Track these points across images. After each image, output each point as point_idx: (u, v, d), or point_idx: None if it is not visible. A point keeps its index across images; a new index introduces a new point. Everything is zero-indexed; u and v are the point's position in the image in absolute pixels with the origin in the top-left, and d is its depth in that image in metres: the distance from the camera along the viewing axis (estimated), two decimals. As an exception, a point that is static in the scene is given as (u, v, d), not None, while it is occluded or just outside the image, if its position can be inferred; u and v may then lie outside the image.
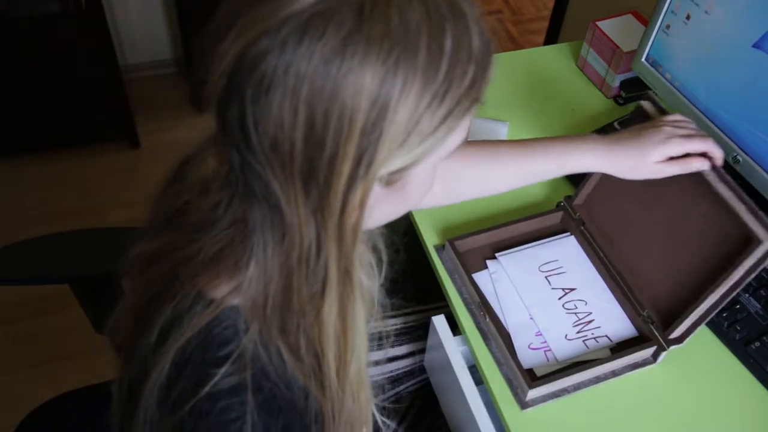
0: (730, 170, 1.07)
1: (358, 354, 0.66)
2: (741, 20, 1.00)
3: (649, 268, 0.97)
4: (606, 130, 1.20)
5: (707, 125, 1.09)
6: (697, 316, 0.91)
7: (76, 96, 2.14)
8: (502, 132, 1.22)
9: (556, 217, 1.07)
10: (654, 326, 0.92)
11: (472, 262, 1.02)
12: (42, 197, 2.20)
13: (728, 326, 0.97)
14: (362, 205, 0.56)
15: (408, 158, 0.55)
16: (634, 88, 1.28)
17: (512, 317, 0.96)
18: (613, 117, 1.24)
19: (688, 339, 0.91)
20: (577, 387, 0.90)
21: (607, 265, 1.00)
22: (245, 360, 0.60)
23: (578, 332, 0.95)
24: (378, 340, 1.08)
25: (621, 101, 1.30)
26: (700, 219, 0.94)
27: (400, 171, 0.56)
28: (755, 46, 0.98)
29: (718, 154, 0.89)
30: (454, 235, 1.02)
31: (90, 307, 1.18)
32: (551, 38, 2.21)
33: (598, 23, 1.30)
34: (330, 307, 0.60)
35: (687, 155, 0.89)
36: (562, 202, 1.06)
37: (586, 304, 0.99)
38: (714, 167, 0.89)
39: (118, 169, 2.28)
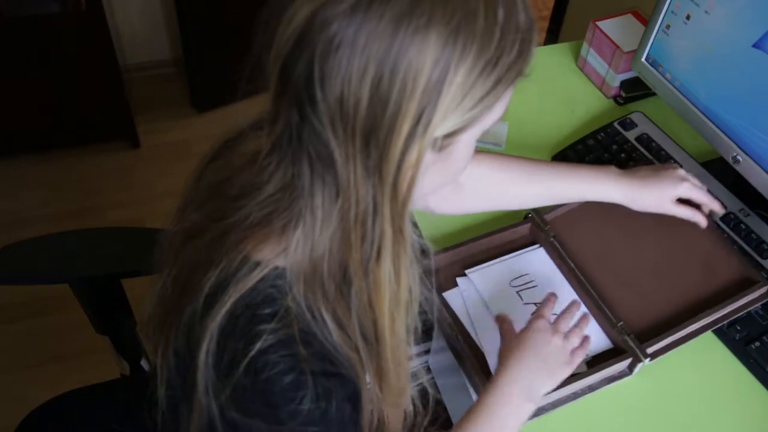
0: (730, 170, 1.07)
1: (410, 314, 0.68)
2: (741, 20, 1.00)
3: (623, 291, 0.97)
4: (606, 129, 1.20)
5: (707, 125, 1.09)
6: (674, 339, 0.92)
7: (76, 96, 2.14)
8: (502, 131, 1.22)
9: (524, 229, 1.05)
10: (630, 338, 0.91)
11: (441, 280, 0.99)
12: (42, 197, 2.20)
13: (728, 326, 0.97)
14: (417, 165, 0.58)
15: (460, 121, 0.57)
16: (634, 88, 1.28)
17: (486, 335, 0.94)
18: (613, 117, 1.24)
19: (659, 358, 0.92)
20: (554, 405, 0.89)
21: (578, 277, 0.98)
22: (292, 316, 0.61)
23: None
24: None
25: (621, 101, 1.30)
26: (690, 252, 1.01)
27: (452, 135, 0.59)
28: (755, 46, 0.98)
29: (718, 210, 1.01)
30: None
31: (90, 307, 1.17)
32: (551, 38, 2.22)
33: (598, 23, 1.30)
34: (386, 268, 0.62)
35: (689, 203, 1.00)
36: (530, 213, 1.05)
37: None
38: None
39: (118, 169, 2.28)
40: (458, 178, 0.67)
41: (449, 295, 0.97)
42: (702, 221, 0.99)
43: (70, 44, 2.02)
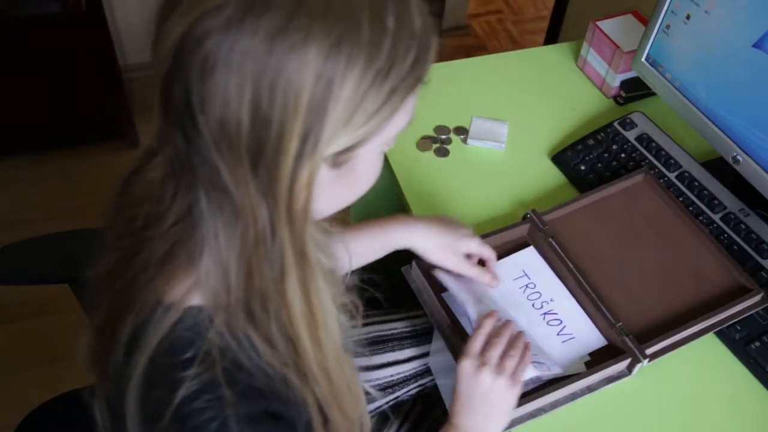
0: (730, 170, 1.07)
1: (331, 334, 0.66)
2: (741, 20, 1.00)
3: (621, 292, 0.98)
4: (606, 129, 1.20)
5: (707, 125, 1.09)
6: (674, 340, 0.92)
7: (76, 96, 2.14)
8: (502, 131, 1.22)
9: (523, 230, 1.05)
10: (629, 338, 0.91)
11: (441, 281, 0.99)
12: (42, 197, 2.20)
13: (728, 326, 0.97)
14: (310, 185, 0.55)
15: (354, 137, 0.55)
16: (634, 88, 1.28)
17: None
18: (613, 117, 1.24)
19: (657, 360, 0.92)
20: (553, 405, 0.89)
21: (577, 278, 0.98)
22: (213, 356, 0.59)
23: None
24: (379, 345, 1.08)
25: (621, 101, 1.30)
26: (686, 257, 1.01)
27: (347, 151, 0.56)
28: (755, 46, 0.98)
29: (491, 280, 0.97)
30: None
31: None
32: (551, 38, 2.21)
33: (598, 23, 1.30)
34: (293, 289, 0.60)
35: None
36: (528, 213, 1.05)
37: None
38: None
39: (118, 169, 2.28)
40: (364, 192, 0.64)
41: (448, 296, 0.97)
42: (489, 281, 0.96)
43: (70, 44, 2.01)
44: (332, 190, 0.60)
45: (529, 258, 1.02)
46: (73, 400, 1.11)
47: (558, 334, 0.94)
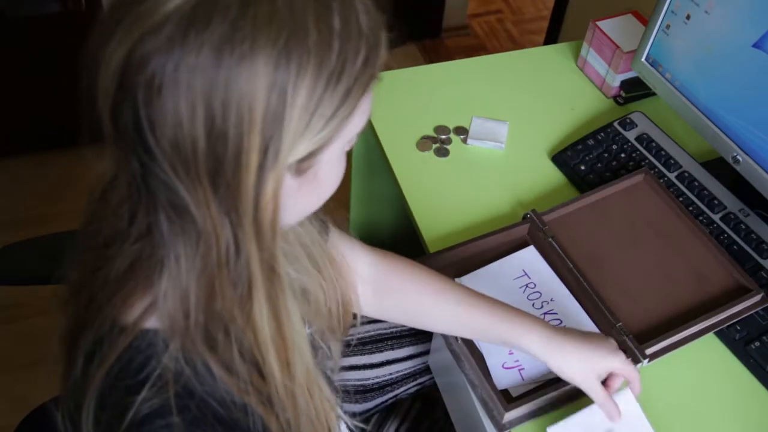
0: (730, 170, 1.07)
1: (300, 352, 0.64)
2: (741, 20, 1.00)
3: (620, 292, 0.98)
4: (606, 129, 1.20)
5: (707, 125, 1.09)
6: (673, 341, 0.92)
7: (76, 96, 2.14)
8: (502, 131, 1.22)
9: (523, 230, 1.05)
10: (629, 338, 0.91)
11: None
12: (42, 197, 2.20)
13: (728, 326, 0.97)
14: (276, 196, 0.54)
15: (314, 142, 0.54)
16: (634, 88, 1.28)
17: None
18: (613, 117, 1.24)
19: (657, 360, 0.92)
20: (554, 405, 0.89)
21: (577, 278, 0.97)
22: (166, 380, 0.58)
23: None
24: (378, 343, 1.09)
25: (621, 101, 1.30)
26: (686, 258, 1.01)
27: (309, 157, 0.55)
28: (755, 46, 0.98)
29: (636, 392, 0.86)
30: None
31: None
32: (551, 38, 2.22)
33: (598, 23, 1.30)
34: (260, 308, 0.58)
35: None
36: (528, 213, 1.05)
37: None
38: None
39: (118, 169, 2.28)
40: (329, 195, 0.63)
41: None
42: (616, 414, 0.84)
43: (70, 44, 2.01)
44: (297, 199, 0.59)
45: (529, 257, 1.02)
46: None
47: None
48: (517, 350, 0.91)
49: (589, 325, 0.95)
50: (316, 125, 0.53)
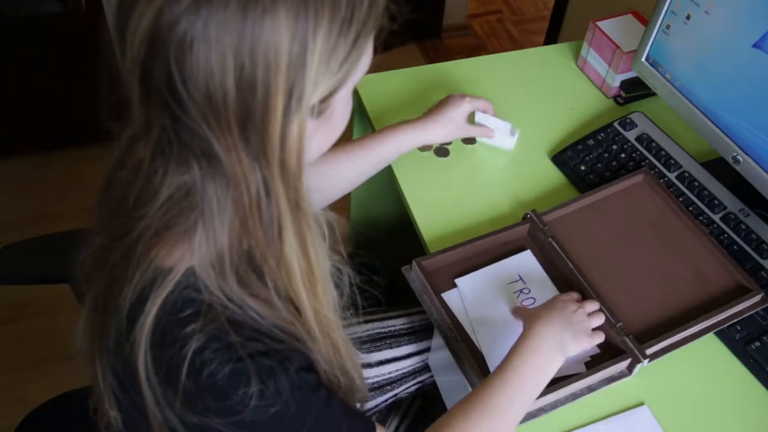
0: (730, 170, 1.07)
1: (328, 291, 0.69)
2: (741, 20, 1.00)
3: (620, 292, 0.98)
4: (606, 130, 1.20)
5: (707, 125, 1.09)
6: (673, 341, 0.92)
7: (76, 96, 2.14)
8: (512, 138, 1.20)
9: (523, 230, 1.05)
10: (629, 338, 0.91)
11: (441, 281, 0.99)
12: (42, 197, 2.20)
13: (728, 326, 0.97)
14: (301, 138, 0.58)
15: (331, 83, 0.58)
16: (634, 88, 1.28)
17: (484, 337, 0.93)
18: (613, 117, 1.24)
19: (657, 360, 0.92)
20: (553, 406, 0.89)
21: (577, 278, 0.97)
22: (215, 310, 0.62)
23: None
24: (377, 342, 1.08)
25: (621, 101, 1.30)
26: (686, 258, 1.01)
27: (327, 98, 0.59)
28: (755, 46, 0.98)
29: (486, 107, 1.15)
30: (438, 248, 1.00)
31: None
32: (551, 38, 2.22)
33: (598, 23, 1.30)
34: (291, 245, 0.62)
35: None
36: (528, 213, 1.05)
37: None
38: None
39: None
40: (341, 133, 0.68)
41: (448, 296, 0.97)
42: (489, 133, 1.15)
43: (70, 44, 2.01)
44: (315, 138, 0.63)
45: (525, 261, 1.02)
46: (73, 400, 1.11)
47: None
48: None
49: None
50: (333, 68, 0.57)
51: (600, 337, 0.89)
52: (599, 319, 0.91)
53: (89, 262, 0.70)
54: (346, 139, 0.76)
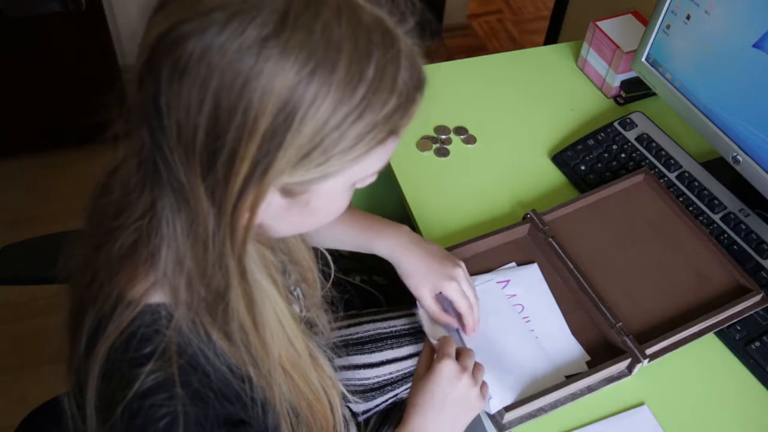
0: (730, 170, 1.07)
1: (277, 347, 0.65)
2: (741, 20, 1.00)
3: (620, 292, 0.98)
4: (606, 130, 1.20)
5: (707, 125, 1.09)
6: (673, 341, 0.92)
7: (76, 96, 2.14)
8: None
9: (523, 230, 1.04)
10: (629, 338, 0.91)
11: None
12: (42, 197, 2.20)
13: (728, 326, 0.97)
14: (253, 208, 0.55)
15: (310, 174, 0.55)
16: (634, 88, 1.28)
17: (473, 341, 0.91)
18: (613, 117, 1.24)
19: (657, 360, 0.92)
20: (554, 405, 0.88)
21: (577, 278, 0.97)
22: (170, 354, 0.60)
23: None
24: (378, 342, 1.08)
25: (621, 101, 1.30)
26: (686, 258, 1.01)
27: (301, 184, 0.56)
28: (755, 46, 0.98)
29: (470, 328, 0.90)
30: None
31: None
32: (551, 38, 2.21)
33: (598, 23, 1.30)
34: (237, 301, 0.60)
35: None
36: (528, 213, 1.04)
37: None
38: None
39: (118, 169, 2.28)
40: (325, 223, 0.64)
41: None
42: (448, 324, 0.90)
43: (70, 44, 2.02)
44: (288, 216, 0.60)
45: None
46: (73, 400, 1.11)
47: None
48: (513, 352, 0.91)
49: (574, 354, 0.93)
50: (315, 158, 0.54)
51: (485, 393, 0.82)
52: (480, 373, 0.83)
53: (72, 270, 0.69)
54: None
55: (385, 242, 0.92)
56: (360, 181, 0.61)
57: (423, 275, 0.89)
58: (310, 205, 0.60)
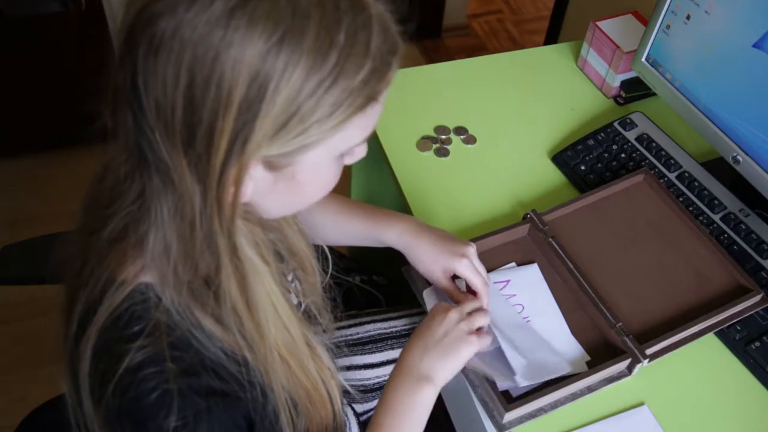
0: (730, 170, 1.07)
1: (272, 331, 0.65)
2: (741, 20, 1.00)
3: (620, 292, 0.98)
4: (606, 130, 1.20)
5: (707, 125, 1.09)
6: (673, 341, 0.92)
7: (76, 96, 2.14)
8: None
9: (523, 230, 1.04)
10: (629, 338, 0.91)
11: None
12: (42, 197, 2.20)
13: (728, 326, 0.97)
14: (237, 182, 0.56)
15: (291, 144, 0.55)
16: (634, 88, 1.28)
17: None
18: (613, 117, 1.24)
19: (657, 360, 0.92)
20: (554, 405, 0.88)
21: (577, 277, 0.97)
22: (160, 331, 0.60)
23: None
24: (378, 343, 1.08)
25: (621, 101, 1.30)
26: (686, 258, 1.01)
27: (284, 156, 0.56)
28: (755, 46, 0.98)
29: (483, 304, 0.88)
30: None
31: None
32: (551, 38, 2.21)
33: (598, 23, 1.30)
34: (228, 281, 0.60)
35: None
36: (528, 213, 1.04)
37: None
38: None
39: (118, 169, 2.28)
40: (316, 200, 0.64)
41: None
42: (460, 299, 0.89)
43: (70, 44, 2.01)
44: (275, 193, 0.60)
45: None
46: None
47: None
48: (513, 351, 0.91)
49: (574, 354, 0.93)
50: (293, 127, 0.54)
51: (485, 341, 0.80)
52: (483, 319, 0.82)
53: (67, 257, 0.69)
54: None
55: (395, 231, 0.92)
56: (348, 155, 0.61)
57: (434, 258, 0.89)
58: (296, 178, 0.60)
